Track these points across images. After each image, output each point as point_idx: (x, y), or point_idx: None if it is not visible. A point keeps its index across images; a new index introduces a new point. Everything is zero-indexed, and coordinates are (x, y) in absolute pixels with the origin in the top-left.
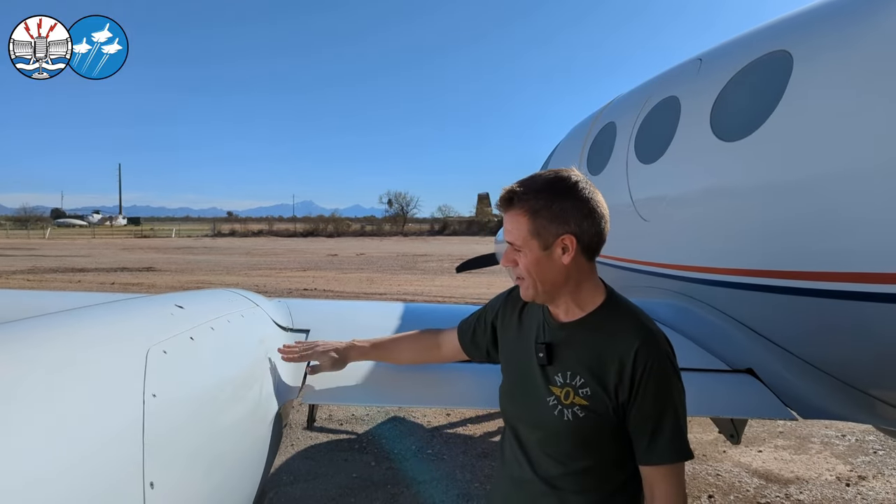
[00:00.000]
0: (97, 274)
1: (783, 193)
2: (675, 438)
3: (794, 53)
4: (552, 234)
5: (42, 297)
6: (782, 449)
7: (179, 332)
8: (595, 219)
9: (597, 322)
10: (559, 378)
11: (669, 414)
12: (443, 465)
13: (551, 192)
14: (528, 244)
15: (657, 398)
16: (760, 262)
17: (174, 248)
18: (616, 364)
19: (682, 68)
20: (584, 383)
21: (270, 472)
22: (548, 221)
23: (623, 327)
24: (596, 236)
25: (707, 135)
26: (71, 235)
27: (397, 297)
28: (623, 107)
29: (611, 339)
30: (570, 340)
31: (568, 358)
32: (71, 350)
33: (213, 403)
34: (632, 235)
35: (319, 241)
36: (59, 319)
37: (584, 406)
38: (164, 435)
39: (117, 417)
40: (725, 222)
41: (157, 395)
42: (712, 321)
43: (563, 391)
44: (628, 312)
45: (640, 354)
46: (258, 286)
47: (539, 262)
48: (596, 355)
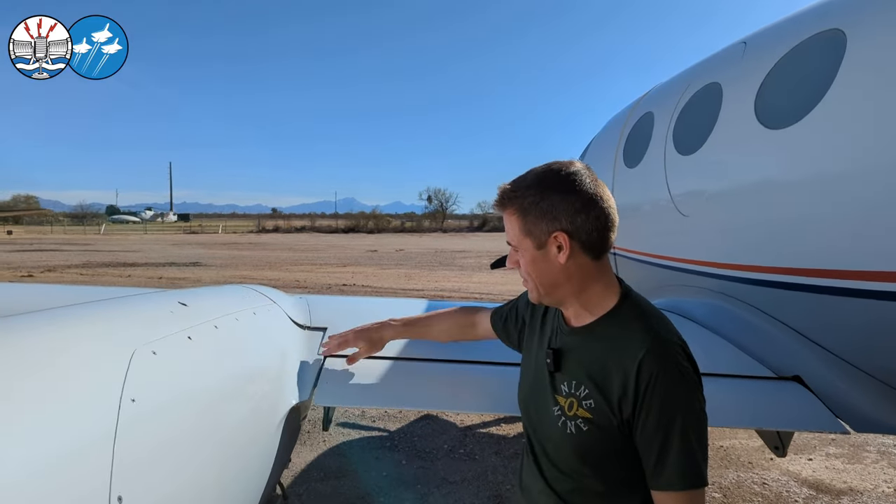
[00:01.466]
0: (146, 269)
1: (834, 185)
2: (684, 461)
3: (848, 32)
4: (544, 232)
5: (51, 291)
6: (834, 457)
7: (175, 332)
8: (592, 214)
9: (605, 328)
10: (565, 387)
11: (678, 432)
12: (475, 465)
13: (540, 187)
14: (522, 244)
15: (663, 414)
16: (809, 261)
17: (220, 243)
18: (620, 375)
19: (724, 53)
20: (588, 395)
21: (302, 468)
22: (537, 219)
23: (630, 334)
24: (595, 233)
25: (751, 122)
26: (124, 231)
27: (434, 294)
28: (661, 95)
29: (617, 347)
30: (577, 347)
31: (574, 366)
32: (47, 351)
33: (206, 408)
34: (670, 231)
35: (360, 238)
36: (43, 318)
37: (588, 419)
38: (141, 443)
39: (86, 424)
40: (771, 217)
41: (137, 400)
42: (756, 324)
43: (567, 401)
44: (639, 317)
45: (644, 364)
46: (298, 281)
47: (535, 263)
48: (601, 365)
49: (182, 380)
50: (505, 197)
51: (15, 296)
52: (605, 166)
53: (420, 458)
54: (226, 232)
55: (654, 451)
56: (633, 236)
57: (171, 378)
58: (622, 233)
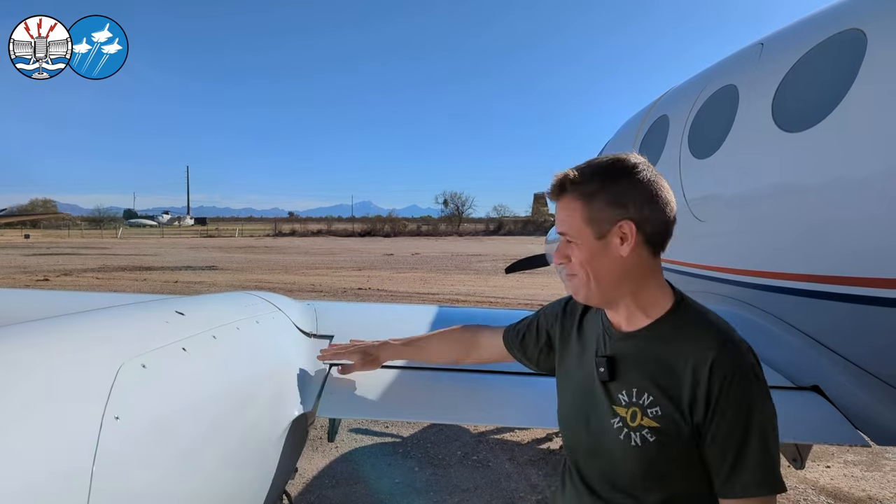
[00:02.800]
0: (162, 272)
1: (854, 190)
2: (761, 466)
3: (868, 32)
4: (608, 221)
5: (45, 298)
6: (853, 465)
7: (169, 343)
8: (659, 205)
9: (667, 330)
10: (624, 396)
11: (755, 437)
12: (488, 472)
13: (608, 174)
14: (581, 233)
15: (738, 418)
16: (828, 267)
17: (237, 247)
18: (690, 377)
19: (741, 54)
20: (654, 402)
21: (314, 475)
22: (604, 205)
23: (698, 335)
24: (661, 225)
25: (768, 125)
26: (141, 235)
27: (450, 298)
28: (676, 98)
29: (684, 349)
30: (635, 352)
31: (634, 373)
32: (21, 367)
33: (201, 423)
34: (684, 236)
35: (376, 241)
36: (22, 330)
37: (655, 429)
38: (124, 463)
39: (61, 446)
40: (788, 222)
41: (122, 418)
42: (773, 331)
43: (629, 411)
44: (705, 318)
45: (717, 365)
46: (314, 285)
47: (594, 254)
48: (667, 369)
49: (174, 394)
50: (566, 182)
51: (6, 304)
52: None
53: (433, 464)
54: (242, 235)
55: (729, 456)
56: None
57: (162, 393)
58: None
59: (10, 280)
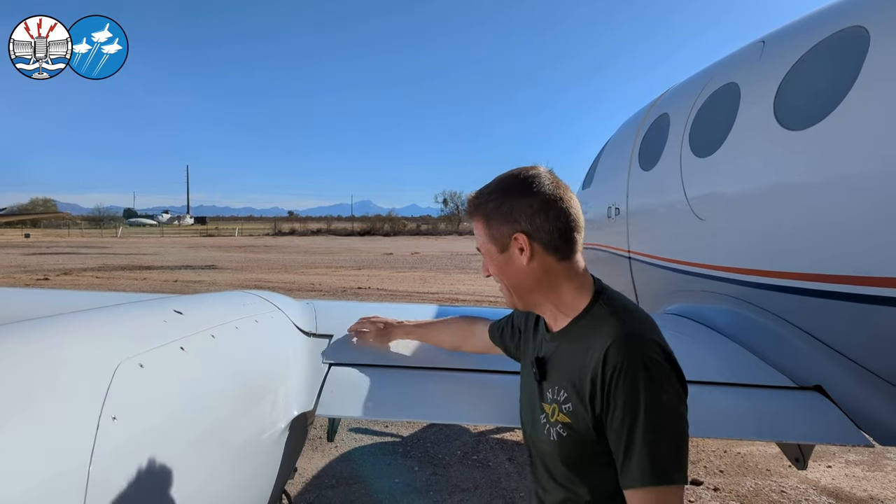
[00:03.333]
0: (162, 272)
1: (856, 188)
2: (650, 457)
3: (871, 29)
4: (505, 235)
5: (50, 296)
6: (854, 465)
7: (167, 342)
8: (551, 215)
9: (579, 328)
10: (549, 394)
11: (641, 426)
12: (488, 472)
13: (501, 191)
14: (488, 250)
15: (626, 408)
16: (830, 266)
17: (236, 246)
18: (590, 371)
19: (742, 52)
20: (567, 398)
21: (314, 474)
22: (499, 222)
23: (601, 330)
24: (555, 233)
25: (770, 123)
26: (141, 234)
27: (450, 297)
28: (677, 97)
29: (589, 344)
30: (557, 352)
31: (556, 372)
32: (18, 367)
33: (199, 422)
34: (685, 235)
35: (375, 240)
36: (19, 329)
37: (567, 424)
38: (120, 463)
39: (57, 447)
40: (790, 221)
41: (119, 418)
42: (775, 331)
43: (550, 408)
44: (612, 313)
45: (609, 355)
46: (313, 284)
47: (502, 267)
48: (576, 366)
49: (172, 393)
50: (471, 206)
51: (4, 303)
52: (620, 169)
53: (433, 464)
54: (242, 235)
55: (620, 446)
56: (648, 240)
57: (160, 392)
58: (637, 237)
59: (10, 279)
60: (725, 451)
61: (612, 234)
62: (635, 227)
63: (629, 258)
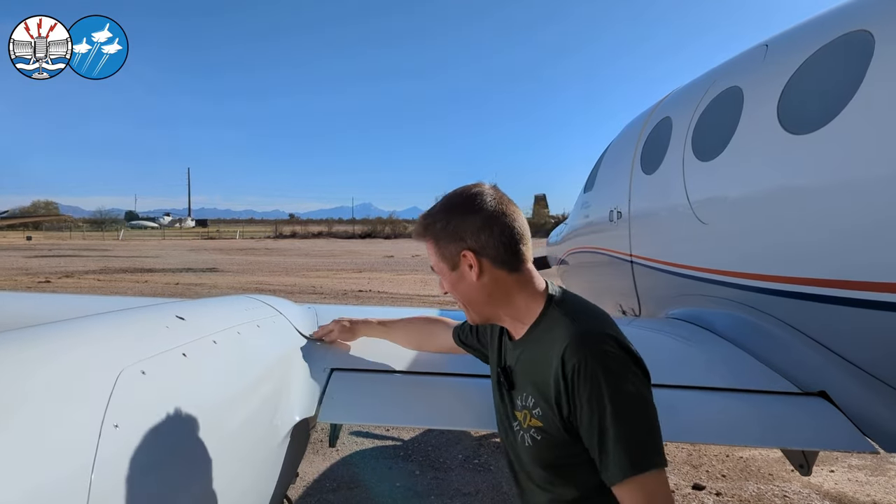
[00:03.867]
0: (163, 274)
1: (861, 192)
2: (624, 447)
3: (875, 33)
4: (454, 254)
5: (52, 301)
6: (857, 469)
7: (169, 349)
8: (495, 230)
9: (536, 334)
10: (519, 402)
11: (611, 417)
12: (489, 476)
13: (446, 211)
14: (440, 268)
15: (592, 402)
16: (836, 271)
17: (237, 249)
18: (552, 375)
19: (745, 56)
20: (535, 403)
21: (314, 478)
22: (447, 242)
23: (555, 332)
24: (502, 247)
25: (774, 127)
26: (142, 237)
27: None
28: (679, 100)
29: (547, 349)
30: (520, 360)
31: (522, 379)
32: (18, 376)
33: (201, 429)
34: (688, 239)
35: (376, 243)
36: (19, 337)
37: (539, 428)
38: (122, 470)
39: (58, 456)
40: (794, 225)
41: (121, 426)
42: (779, 336)
43: (522, 414)
44: (564, 314)
45: (566, 356)
46: (314, 287)
47: (455, 284)
48: (539, 371)
49: (175, 400)
50: (420, 227)
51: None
52: (622, 173)
53: (434, 468)
54: (243, 237)
55: (594, 443)
56: (650, 244)
57: (162, 399)
58: (639, 240)
59: (11, 282)
60: (728, 456)
61: (613, 237)
62: (637, 230)
63: (631, 262)
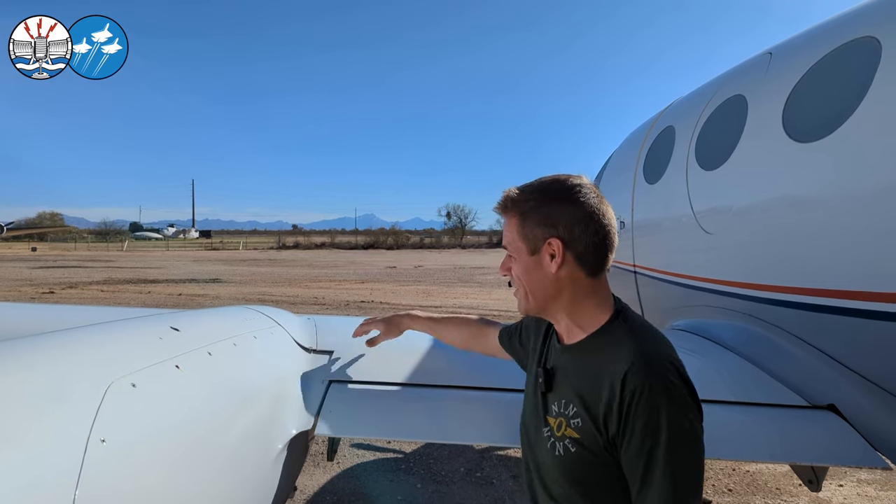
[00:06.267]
0: (166, 285)
1: (868, 201)
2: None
3: (883, 40)
4: (539, 238)
5: (44, 311)
6: (866, 483)
7: (161, 360)
8: (591, 227)
9: (597, 344)
10: (555, 407)
11: (662, 451)
12: (492, 490)
13: (544, 193)
14: (516, 248)
15: (646, 432)
16: (843, 282)
17: (240, 260)
18: (607, 391)
19: (749, 64)
20: (576, 413)
21: (315, 492)
22: (535, 224)
23: (619, 350)
24: (591, 247)
25: (779, 136)
26: (147, 248)
27: (453, 310)
28: (683, 109)
29: (607, 363)
30: (568, 365)
31: (565, 384)
32: (5, 389)
33: (194, 443)
34: (693, 249)
35: (379, 254)
36: (9, 347)
37: (575, 439)
38: (109, 488)
39: (41, 472)
40: (801, 235)
41: (108, 440)
42: (786, 348)
43: (556, 421)
44: (630, 332)
45: (629, 378)
46: (317, 298)
47: (528, 269)
48: (590, 382)
49: (165, 414)
50: (508, 201)
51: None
52: (625, 182)
53: (436, 481)
54: (246, 248)
55: (637, 472)
56: (654, 254)
57: (152, 413)
58: (643, 250)
59: (15, 292)
60: (734, 469)
61: None
62: (640, 240)
63: (634, 272)
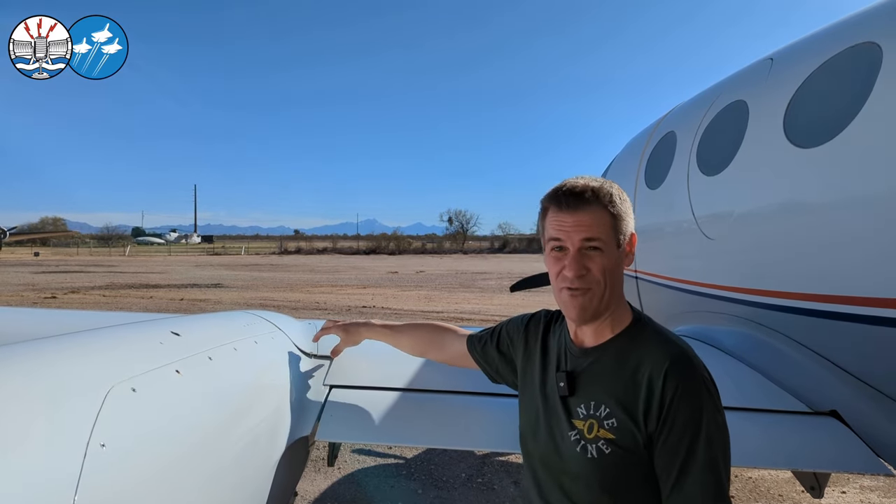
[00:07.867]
0: (168, 290)
1: (870, 206)
2: (707, 475)
3: (884, 45)
4: (625, 233)
5: (45, 316)
6: (870, 490)
7: (161, 365)
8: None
9: (624, 344)
10: (582, 410)
11: (702, 446)
12: (493, 496)
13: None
14: (606, 241)
15: (687, 426)
16: (845, 288)
17: (242, 265)
18: (645, 388)
19: (750, 69)
20: (610, 413)
21: (315, 497)
22: (626, 219)
23: (655, 348)
24: None
25: (780, 141)
26: (149, 253)
27: (454, 316)
28: (684, 114)
29: (640, 361)
30: (594, 367)
31: (591, 386)
32: (5, 394)
33: (194, 448)
34: (694, 255)
35: (381, 259)
36: (7, 353)
37: (611, 440)
38: (108, 493)
39: (40, 478)
40: (803, 240)
41: (108, 445)
42: (788, 354)
43: (586, 424)
44: (659, 332)
45: (670, 374)
46: (318, 303)
47: (616, 263)
48: (623, 381)
49: (166, 419)
50: (605, 194)
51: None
52: (626, 188)
53: (437, 487)
54: (248, 253)
55: (676, 463)
56: (655, 260)
57: (153, 417)
58: (643, 256)
59: (18, 297)
60: (736, 476)
61: None
62: (641, 246)
63: (636, 278)
